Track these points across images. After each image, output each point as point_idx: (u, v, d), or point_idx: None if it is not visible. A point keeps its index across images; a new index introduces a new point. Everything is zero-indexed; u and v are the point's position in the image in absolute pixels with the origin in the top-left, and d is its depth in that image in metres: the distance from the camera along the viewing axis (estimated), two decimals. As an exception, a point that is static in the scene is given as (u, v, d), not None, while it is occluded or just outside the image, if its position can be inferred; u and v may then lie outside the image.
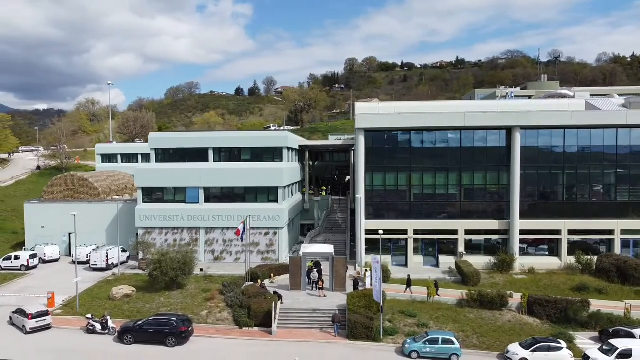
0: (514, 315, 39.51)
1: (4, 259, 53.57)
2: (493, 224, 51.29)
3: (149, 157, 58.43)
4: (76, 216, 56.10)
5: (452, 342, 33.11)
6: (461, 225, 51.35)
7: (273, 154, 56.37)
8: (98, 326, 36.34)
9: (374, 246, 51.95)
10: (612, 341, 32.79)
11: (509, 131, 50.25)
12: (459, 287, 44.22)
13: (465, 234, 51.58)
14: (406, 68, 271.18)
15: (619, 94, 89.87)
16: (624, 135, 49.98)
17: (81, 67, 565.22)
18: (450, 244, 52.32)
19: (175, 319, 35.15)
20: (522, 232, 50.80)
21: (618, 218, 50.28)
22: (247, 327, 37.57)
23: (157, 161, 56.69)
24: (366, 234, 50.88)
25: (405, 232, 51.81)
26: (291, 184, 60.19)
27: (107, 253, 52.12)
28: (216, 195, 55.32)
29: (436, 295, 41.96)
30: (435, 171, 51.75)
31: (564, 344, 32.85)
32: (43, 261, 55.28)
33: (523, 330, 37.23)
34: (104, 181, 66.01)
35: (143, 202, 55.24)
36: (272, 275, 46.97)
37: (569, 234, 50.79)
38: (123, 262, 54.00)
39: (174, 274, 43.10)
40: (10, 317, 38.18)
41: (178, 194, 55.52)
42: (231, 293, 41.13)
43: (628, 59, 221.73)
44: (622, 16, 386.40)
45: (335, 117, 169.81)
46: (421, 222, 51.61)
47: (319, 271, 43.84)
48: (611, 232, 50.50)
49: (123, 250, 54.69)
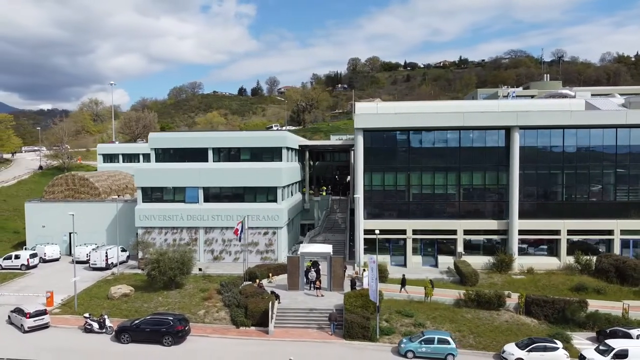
0: (512, 315, 39.44)
1: (5, 258, 53.88)
2: (492, 224, 51.18)
3: (150, 157, 58.53)
4: (77, 216, 56.47)
5: (448, 342, 33.10)
6: (460, 225, 51.27)
7: (272, 154, 56.48)
8: (95, 325, 36.54)
9: (373, 246, 51.87)
10: (609, 341, 32.72)
11: (508, 131, 50.11)
12: (457, 287, 44.16)
13: (464, 234, 51.48)
14: (409, 68, 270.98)
15: (621, 94, 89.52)
16: (624, 135, 49.72)
17: (85, 68, 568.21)
18: (449, 244, 52.21)
19: (171, 318, 35.30)
20: (521, 232, 50.63)
21: (617, 218, 50.04)
22: (244, 327, 37.67)
23: (157, 161, 56.86)
24: (365, 234, 50.85)
25: (404, 232, 51.76)
26: (290, 184, 60.28)
27: (107, 252, 52.34)
28: (215, 195, 55.38)
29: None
30: (434, 171, 51.65)
31: (560, 344, 32.81)
32: (43, 260, 55.57)
33: (520, 330, 37.15)
34: (105, 181, 66.26)
35: (143, 202, 55.43)
36: (271, 274, 47.06)
37: (568, 234, 50.58)
38: (123, 262, 54.21)
39: (172, 274, 43.24)
40: (8, 316, 38.42)
41: (177, 194, 55.68)
42: (229, 293, 41.21)
43: (632, 59, 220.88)
44: (627, 15, 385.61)
45: (337, 117, 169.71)
46: (420, 222, 51.51)
47: (317, 271, 43.81)
48: (610, 232, 50.29)
49: (123, 249, 54.89)
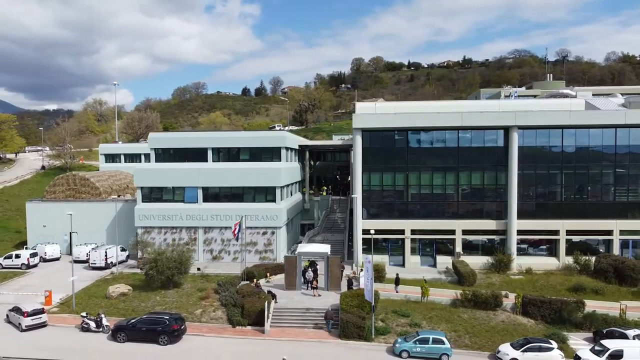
0: (508, 315, 39.36)
1: (5, 258, 54.21)
2: (490, 224, 51.09)
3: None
4: (78, 216, 57.15)
5: (443, 342, 33.11)
6: (458, 225, 51.20)
7: (271, 154, 56.54)
8: (92, 324, 36.74)
9: (373, 246, 52.04)
10: (604, 342, 32.65)
11: (507, 131, 50.00)
12: (455, 287, 44.10)
13: (462, 234, 51.41)
14: (413, 68, 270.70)
15: (623, 94, 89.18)
16: (623, 135, 49.51)
17: (90, 68, 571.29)
18: (448, 244, 52.12)
19: (167, 318, 35.44)
20: (520, 233, 50.52)
21: (617, 218, 49.88)
22: (240, 326, 37.81)
23: (157, 161, 57.00)
24: (363, 234, 50.83)
25: (402, 232, 51.73)
26: (290, 184, 60.36)
27: (106, 252, 52.58)
28: (214, 194, 55.51)
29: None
30: (432, 171, 51.61)
31: (555, 345, 32.75)
32: (44, 260, 55.88)
33: (516, 330, 37.09)
34: (106, 181, 66.59)
35: (142, 202, 55.65)
36: (268, 274, 47.18)
37: (567, 235, 50.42)
38: (122, 261, 54.47)
39: (170, 273, 43.41)
40: (7, 315, 38.70)
41: (177, 194, 55.88)
42: (226, 292, 41.30)
43: (637, 58, 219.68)
44: (632, 15, 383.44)
45: (340, 117, 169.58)
46: (418, 222, 51.49)
47: (315, 271, 43.90)
48: (610, 233, 50.09)
49: (122, 249, 55.15)
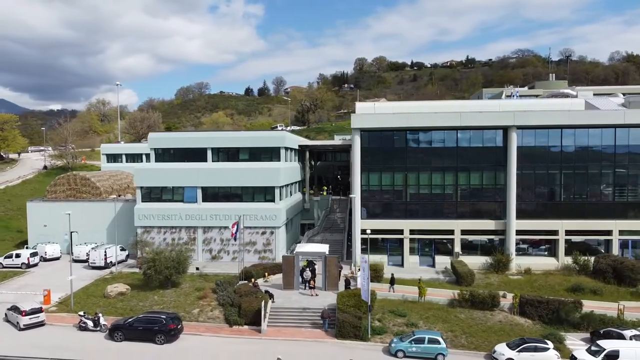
0: (506, 315, 39.33)
1: (5, 257, 54.45)
2: (489, 224, 51.01)
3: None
4: (78, 215, 57.53)
5: (438, 342, 33.08)
6: (457, 225, 51.15)
7: (271, 154, 56.63)
8: (90, 323, 36.93)
9: (373, 246, 52.10)
10: (600, 342, 32.59)
11: (506, 131, 49.94)
12: (453, 287, 44.08)
13: (461, 234, 51.34)
14: (416, 67, 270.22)
15: (625, 93, 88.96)
16: (623, 134, 49.33)
17: (95, 68, 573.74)
18: (447, 244, 52.10)
19: (164, 317, 35.57)
20: (519, 233, 50.43)
21: (616, 218, 49.70)
22: (237, 326, 37.89)
23: (157, 161, 57.18)
24: (362, 234, 50.79)
25: (401, 232, 51.73)
26: (289, 184, 60.40)
27: (106, 252, 52.78)
28: (214, 194, 55.59)
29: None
30: (431, 171, 51.56)
31: (551, 345, 32.69)
32: (44, 259, 56.12)
33: (513, 330, 37.07)
34: (106, 181, 66.86)
35: (142, 202, 55.83)
36: (267, 274, 47.26)
37: (566, 235, 50.29)
38: (122, 261, 54.70)
39: (168, 273, 43.54)
40: (5, 314, 38.92)
41: (176, 194, 56.03)
42: (223, 292, 41.45)
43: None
44: (637, 14, 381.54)
45: (342, 117, 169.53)
46: (417, 222, 51.45)
47: (312, 270, 43.93)
48: (609, 233, 49.92)
49: (122, 249, 55.36)
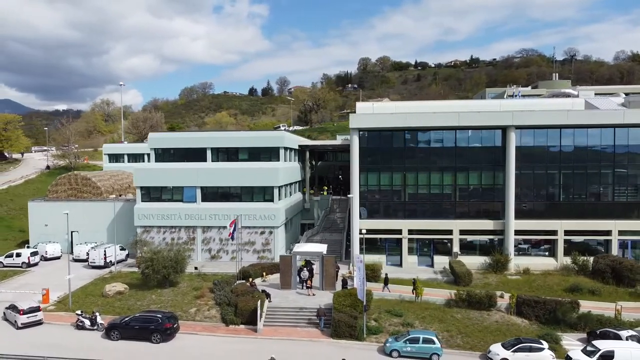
0: (502, 315, 39.25)
1: (6, 256, 54.77)
2: (488, 224, 50.89)
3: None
4: (79, 215, 57.92)
5: (433, 342, 33.11)
6: (456, 225, 51.08)
7: (270, 154, 56.75)
8: (87, 322, 37.19)
9: (371, 246, 52.23)
10: (596, 342, 32.53)
11: (504, 131, 49.84)
12: (450, 287, 44.03)
13: (460, 234, 51.24)
14: (420, 67, 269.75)
15: (628, 93, 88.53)
16: (622, 134, 49.10)
17: (100, 68, 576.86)
18: (446, 244, 52.03)
19: (160, 316, 35.76)
20: (518, 233, 50.27)
21: (615, 219, 49.47)
22: (234, 325, 38.07)
23: (157, 161, 57.41)
24: (360, 234, 50.76)
25: (399, 232, 51.70)
26: (289, 184, 60.49)
27: (105, 251, 53.02)
28: (213, 194, 55.74)
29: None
30: (430, 171, 51.46)
31: (546, 345, 32.65)
32: (45, 259, 56.41)
33: (509, 330, 37.00)
34: (107, 180, 67.17)
35: (142, 201, 56.07)
36: (265, 273, 47.39)
37: (565, 235, 50.09)
38: (122, 260, 54.94)
39: (166, 272, 43.71)
40: (3, 313, 39.25)
41: (176, 193, 56.26)
42: (221, 291, 41.59)
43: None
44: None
45: (345, 117, 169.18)
46: (416, 222, 51.39)
47: (310, 270, 44.02)
48: (608, 233, 49.71)
49: (122, 248, 55.60)
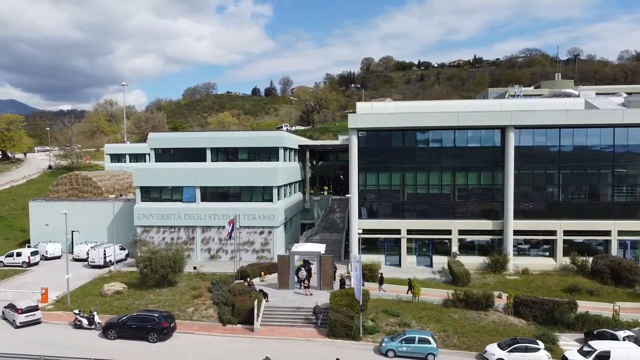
0: (500, 315, 39.18)
1: (7, 256, 55.07)
2: (487, 224, 50.81)
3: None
4: (80, 215, 58.15)
5: (429, 342, 33.05)
6: (454, 225, 51.02)
7: (269, 154, 56.89)
8: (85, 321, 37.32)
9: (371, 245, 52.32)
10: (592, 343, 32.44)
11: (503, 131, 49.76)
12: (449, 287, 43.96)
13: (458, 234, 51.20)
14: (423, 67, 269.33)
15: (631, 93, 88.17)
16: (621, 134, 48.94)
17: (104, 69, 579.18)
18: (445, 244, 51.98)
19: (157, 315, 35.86)
20: (517, 233, 50.19)
21: (615, 219, 49.30)
22: (231, 325, 38.13)
23: (157, 161, 57.64)
24: (361, 234, 50.77)
25: (398, 232, 51.68)
26: (288, 184, 60.57)
27: (105, 251, 53.22)
28: (212, 194, 55.94)
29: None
30: (428, 171, 51.46)
31: (542, 345, 32.57)
32: (45, 258, 56.66)
33: (506, 330, 36.93)
34: (108, 180, 67.41)
35: (141, 201, 56.27)
36: (263, 273, 47.48)
37: (565, 235, 49.97)
38: (122, 260, 55.14)
39: (164, 272, 43.85)
40: (2, 312, 39.45)
41: (175, 193, 56.47)
42: (218, 291, 41.68)
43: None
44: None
45: (347, 117, 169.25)
46: (414, 222, 51.37)
47: (308, 270, 44.09)
48: (608, 233, 49.55)
49: (122, 248, 55.80)
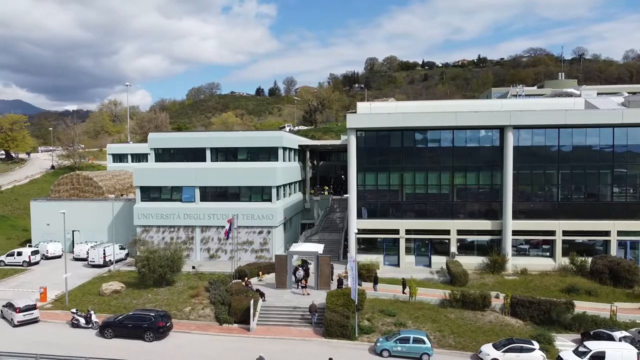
0: (497, 316, 39.14)
1: (7, 255, 55.46)
2: (486, 224, 50.71)
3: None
4: (80, 214, 58.39)
5: (423, 342, 33.07)
6: (453, 225, 50.96)
7: (269, 154, 56.97)
8: (82, 320, 37.56)
9: (370, 245, 52.36)
10: (587, 343, 32.35)
11: (502, 130, 49.67)
12: (446, 287, 43.93)
13: (457, 234, 51.14)
14: (427, 67, 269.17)
15: (635, 92, 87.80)
16: (621, 134, 48.75)
17: (109, 69, 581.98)
18: (443, 244, 51.92)
19: (153, 315, 36.05)
20: (516, 233, 50.09)
21: (614, 219, 49.10)
22: (227, 324, 38.26)
23: (158, 161, 57.83)
24: (358, 234, 50.92)
25: (397, 232, 51.66)
26: (287, 184, 60.66)
27: (104, 250, 53.48)
28: (212, 194, 56.14)
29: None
30: (427, 171, 51.41)
31: (537, 345, 32.52)
32: (46, 258, 56.98)
33: (503, 331, 36.91)
34: (109, 180, 67.75)
35: (141, 201, 56.53)
36: (261, 273, 47.58)
37: (564, 235, 49.81)
38: (121, 260, 55.44)
39: (162, 271, 44.03)
40: (0, 311, 39.74)
41: (175, 193, 56.68)
42: (216, 290, 41.82)
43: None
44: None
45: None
46: (413, 222, 51.34)
47: (306, 270, 44.19)
48: (607, 234, 49.36)
49: (121, 247, 56.05)
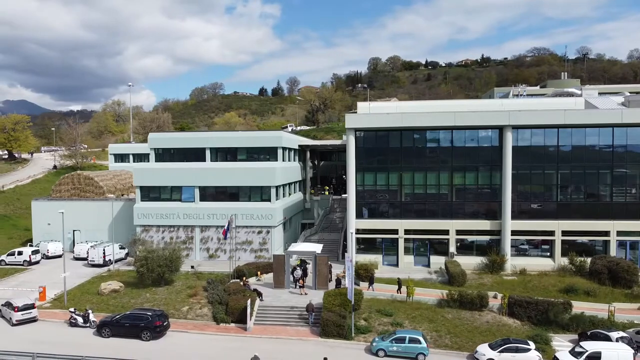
0: (494, 316, 39.10)
1: (8, 255, 55.76)
2: (485, 224, 50.63)
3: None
4: (81, 214, 58.64)
5: (419, 342, 33.08)
6: (452, 225, 50.90)
7: (268, 154, 57.08)
8: (80, 320, 37.75)
9: (368, 245, 52.36)
10: (583, 343, 32.28)
11: (501, 130, 49.59)
12: (444, 287, 43.87)
13: (456, 234, 51.08)
14: (430, 67, 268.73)
15: (638, 92, 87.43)
16: (621, 134, 48.60)
17: (113, 69, 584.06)
18: (442, 244, 51.87)
19: (150, 314, 36.20)
20: (515, 233, 49.98)
21: (614, 219, 48.93)
22: (224, 323, 38.38)
23: (157, 161, 57.97)
24: (357, 234, 50.96)
25: (396, 232, 51.64)
26: (287, 184, 60.72)
27: (104, 250, 53.70)
28: (211, 194, 56.26)
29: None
30: (426, 171, 51.37)
31: (533, 345, 32.49)
32: (46, 257, 57.26)
33: (500, 331, 36.89)
34: (110, 180, 68.02)
35: (141, 201, 56.73)
36: (259, 272, 47.66)
37: (563, 235, 49.68)
38: (121, 259, 55.64)
39: (160, 271, 44.16)
40: (-1, 310, 40.04)
41: (174, 193, 56.84)
42: (214, 290, 41.94)
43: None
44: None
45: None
46: (412, 222, 51.26)
47: (304, 269, 44.25)
48: (606, 234, 49.21)
49: (121, 247, 56.27)
